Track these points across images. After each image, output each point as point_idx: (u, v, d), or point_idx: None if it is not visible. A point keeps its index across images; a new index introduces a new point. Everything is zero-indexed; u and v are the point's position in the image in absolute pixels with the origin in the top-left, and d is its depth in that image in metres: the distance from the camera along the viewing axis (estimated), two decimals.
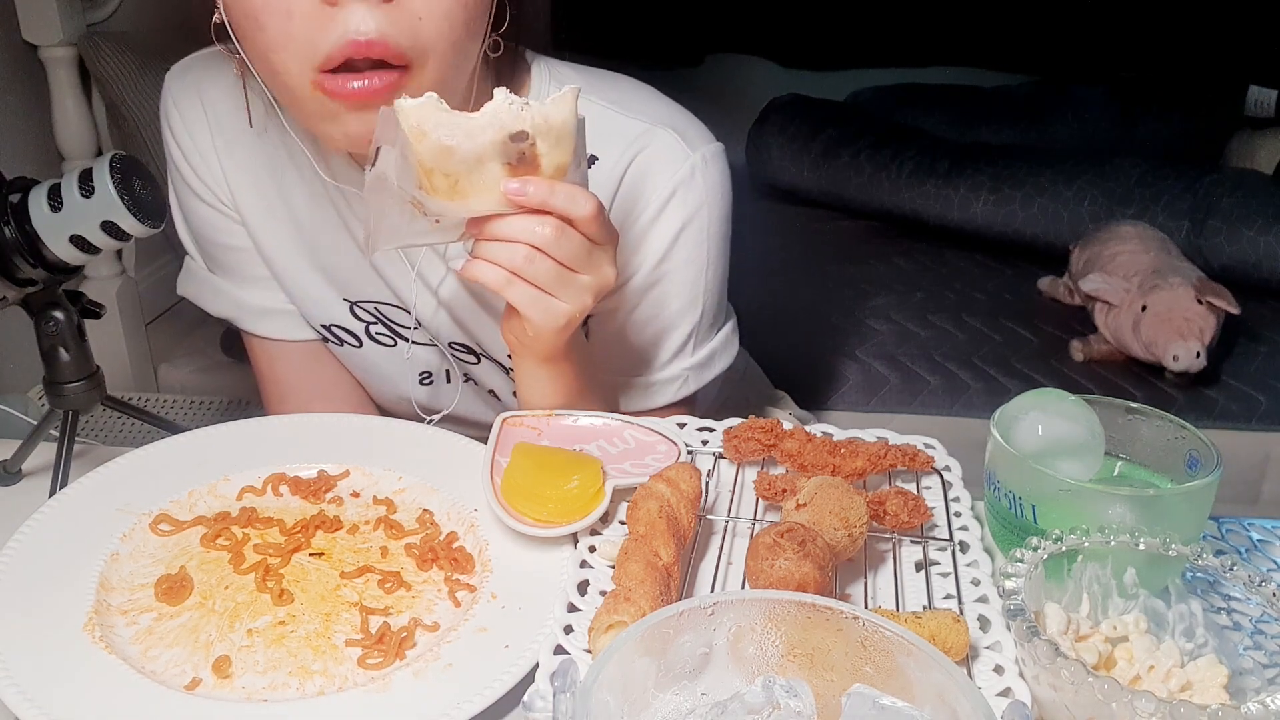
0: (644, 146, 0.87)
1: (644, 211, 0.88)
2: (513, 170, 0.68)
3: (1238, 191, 2.33)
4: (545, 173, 0.69)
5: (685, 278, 0.90)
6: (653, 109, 0.89)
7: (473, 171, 0.67)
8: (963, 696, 0.45)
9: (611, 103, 0.88)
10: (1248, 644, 0.57)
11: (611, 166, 0.87)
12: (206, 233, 0.97)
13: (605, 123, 0.86)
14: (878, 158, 2.70)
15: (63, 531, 0.72)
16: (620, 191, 0.88)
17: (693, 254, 0.90)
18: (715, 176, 0.89)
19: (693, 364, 0.95)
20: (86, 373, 0.84)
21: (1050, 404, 0.73)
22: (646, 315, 0.92)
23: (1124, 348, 2.00)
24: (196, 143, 0.92)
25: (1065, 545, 0.61)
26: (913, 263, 2.50)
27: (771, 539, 0.61)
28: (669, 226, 0.88)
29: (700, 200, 0.88)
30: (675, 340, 0.93)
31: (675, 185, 0.87)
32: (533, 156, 0.68)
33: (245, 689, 0.61)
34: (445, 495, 0.78)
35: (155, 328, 2.06)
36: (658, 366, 0.94)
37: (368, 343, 0.97)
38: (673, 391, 0.95)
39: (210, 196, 0.94)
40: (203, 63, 0.92)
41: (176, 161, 0.94)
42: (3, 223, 0.76)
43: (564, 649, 0.60)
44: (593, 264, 0.73)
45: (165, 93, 0.94)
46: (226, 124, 0.91)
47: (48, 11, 1.77)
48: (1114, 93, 3.18)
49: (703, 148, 0.89)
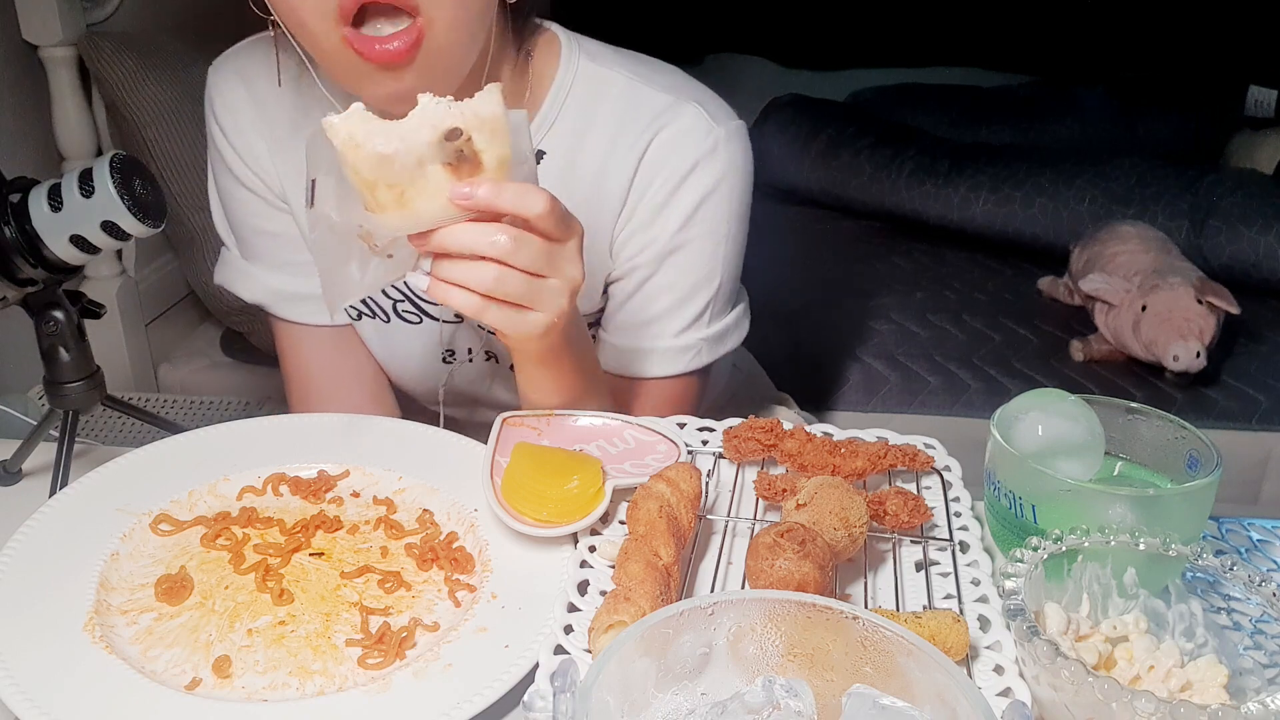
0: (669, 121, 0.89)
1: (667, 181, 0.90)
2: (454, 170, 0.66)
3: (1238, 191, 2.33)
4: (489, 169, 0.67)
5: (704, 248, 0.93)
6: (678, 84, 0.92)
7: (416, 179, 0.66)
8: (963, 696, 0.45)
9: (638, 76, 0.91)
10: (1248, 644, 0.57)
11: (636, 138, 0.89)
12: (245, 218, 0.99)
13: (632, 94, 0.90)
14: (878, 158, 2.70)
15: (63, 531, 0.72)
16: (644, 161, 0.90)
17: (712, 225, 0.92)
18: (738, 152, 0.92)
19: (708, 335, 0.97)
20: (86, 373, 0.84)
21: (1050, 404, 0.73)
22: (664, 283, 0.94)
23: (1124, 348, 2.00)
24: (240, 127, 0.95)
25: (1065, 545, 0.61)
26: (913, 263, 2.50)
27: (771, 539, 0.61)
28: (690, 196, 0.90)
29: (722, 173, 0.91)
30: (692, 310, 0.95)
31: (699, 157, 0.90)
32: (472, 154, 0.66)
33: (245, 689, 0.61)
34: (445, 495, 0.78)
35: (155, 328, 2.06)
36: (673, 334, 0.96)
37: (394, 319, 0.99)
38: (687, 360, 0.96)
39: (253, 181, 0.96)
40: (245, 51, 0.95)
41: (220, 149, 0.97)
42: (3, 223, 0.76)
43: (564, 649, 0.60)
44: (557, 265, 0.71)
45: (209, 86, 0.97)
46: (271, 105, 0.94)
47: (48, 11, 1.77)
48: (1114, 93, 3.18)
49: (726, 123, 0.91)
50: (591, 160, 0.90)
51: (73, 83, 1.86)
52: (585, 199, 0.90)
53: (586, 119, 0.90)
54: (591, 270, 0.92)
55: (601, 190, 0.91)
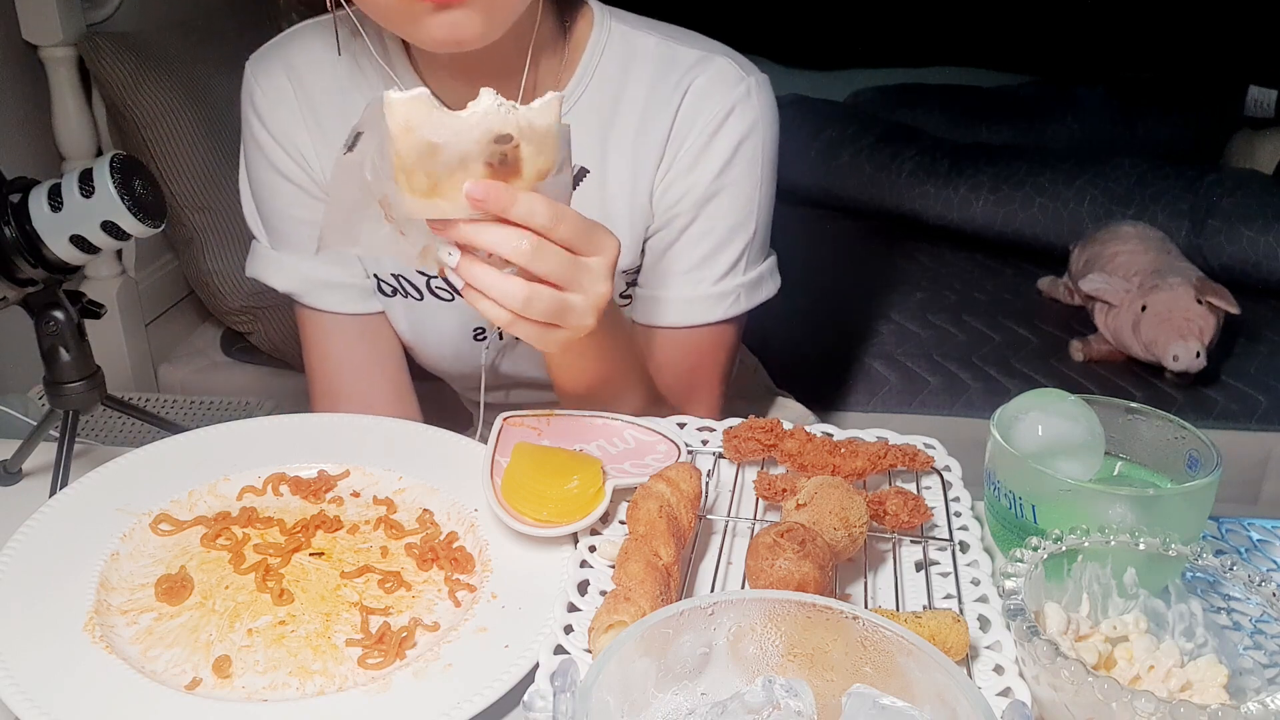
0: (702, 70, 0.93)
1: (704, 129, 0.93)
2: (493, 172, 0.66)
3: (1238, 191, 2.33)
4: (526, 177, 0.67)
5: (740, 193, 0.95)
6: (705, 42, 0.97)
7: (454, 172, 0.66)
8: (963, 696, 0.45)
9: (668, 36, 0.95)
10: (1247, 644, 0.58)
11: (671, 90, 0.92)
12: (280, 206, 1.00)
13: (664, 51, 0.94)
14: (878, 158, 2.70)
15: (63, 531, 0.72)
16: (681, 111, 0.92)
17: (748, 170, 0.95)
18: (767, 100, 0.95)
19: (745, 281, 0.98)
20: (87, 373, 0.84)
21: (1050, 404, 0.73)
22: (703, 229, 0.96)
23: (1124, 348, 2.00)
24: (281, 118, 0.96)
25: (1065, 545, 0.61)
26: (913, 263, 2.49)
27: (771, 539, 0.61)
28: (727, 141, 0.93)
29: (755, 118, 0.93)
30: (729, 256, 0.97)
31: (733, 103, 0.92)
32: (514, 159, 0.66)
33: (245, 689, 0.61)
34: (445, 495, 0.78)
35: (155, 328, 2.06)
36: (712, 280, 0.97)
37: (428, 296, 1.00)
38: (725, 307, 0.98)
39: (294, 170, 0.97)
40: (285, 43, 0.97)
41: (259, 140, 0.98)
42: (3, 223, 0.76)
43: (564, 649, 0.60)
44: (582, 281, 0.71)
45: (249, 77, 0.98)
46: (316, 95, 0.95)
47: (48, 11, 1.77)
48: (1114, 93, 3.17)
49: (755, 74, 0.95)
50: (629, 117, 0.93)
51: (73, 83, 1.86)
52: (625, 156, 0.93)
53: (621, 78, 0.93)
54: (631, 229, 0.95)
55: (640, 145, 0.93)
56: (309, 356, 1.06)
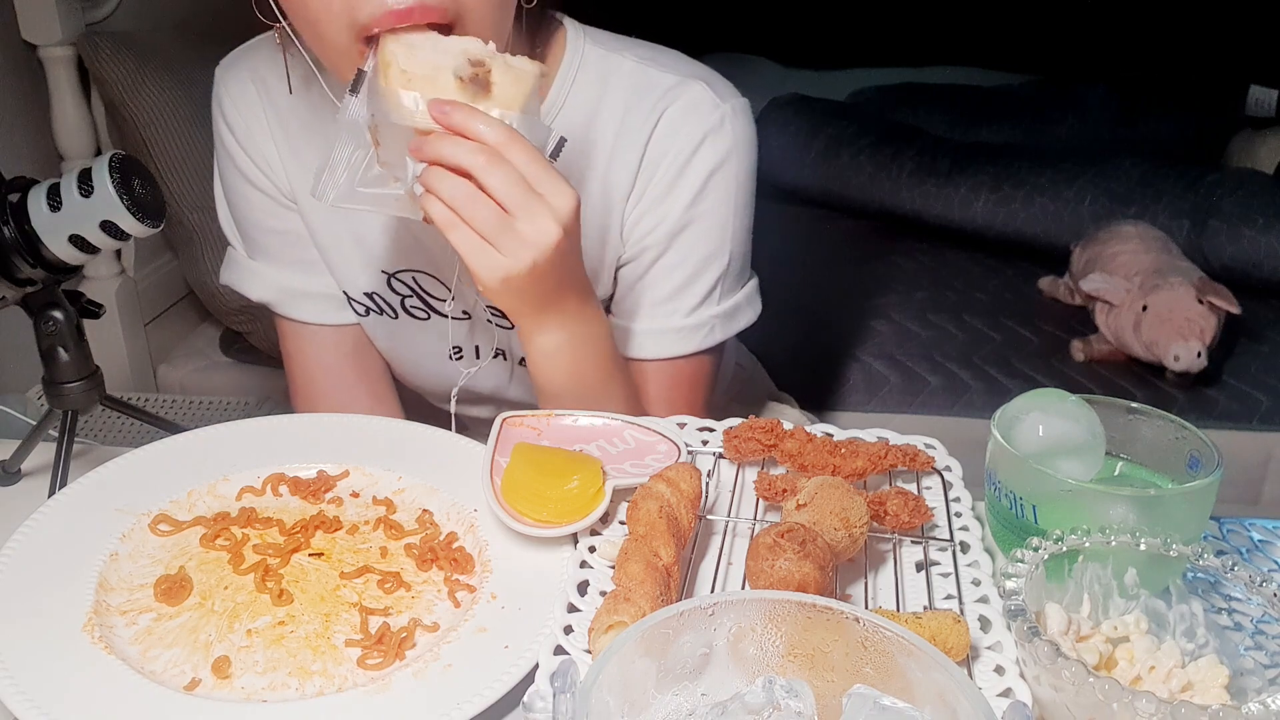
0: (676, 98, 0.91)
1: (676, 157, 0.91)
2: (462, 85, 0.71)
3: (1239, 191, 2.33)
4: (494, 99, 0.72)
5: (713, 223, 0.93)
6: (683, 65, 0.94)
7: (426, 74, 0.71)
8: (963, 697, 0.45)
9: (644, 59, 0.93)
10: (1249, 644, 0.57)
11: (644, 117, 0.91)
12: (255, 217, 0.99)
13: (638, 76, 0.91)
14: (878, 157, 2.70)
15: (62, 531, 0.72)
16: (653, 139, 0.91)
17: (721, 200, 0.93)
18: (743, 127, 0.93)
19: (719, 312, 0.97)
20: (86, 373, 0.84)
21: (1051, 404, 0.73)
22: (675, 261, 0.94)
23: (1125, 348, 2.00)
24: (250, 127, 0.95)
25: (1066, 545, 0.61)
26: (913, 263, 2.49)
27: (772, 539, 0.61)
28: (699, 172, 0.91)
29: (729, 148, 0.92)
30: (702, 287, 0.95)
31: (705, 132, 0.90)
32: (484, 79, 0.71)
33: (245, 689, 0.61)
34: (445, 495, 0.78)
35: (155, 328, 2.06)
36: (684, 312, 0.96)
37: (402, 315, 0.99)
38: (699, 339, 0.97)
39: (262, 180, 0.97)
40: (253, 50, 0.96)
41: (229, 148, 0.97)
42: (2, 223, 0.76)
43: (564, 649, 0.60)
44: (531, 212, 0.72)
45: (217, 85, 0.97)
46: (282, 103, 0.94)
47: (47, 11, 1.77)
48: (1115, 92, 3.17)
49: (731, 99, 0.93)
50: (602, 143, 0.91)
51: (72, 82, 1.86)
52: (596, 182, 0.91)
53: (595, 103, 0.91)
54: (602, 256, 0.93)
55: (612, 172, 0.92)
56: (289, 367, 1.05)
